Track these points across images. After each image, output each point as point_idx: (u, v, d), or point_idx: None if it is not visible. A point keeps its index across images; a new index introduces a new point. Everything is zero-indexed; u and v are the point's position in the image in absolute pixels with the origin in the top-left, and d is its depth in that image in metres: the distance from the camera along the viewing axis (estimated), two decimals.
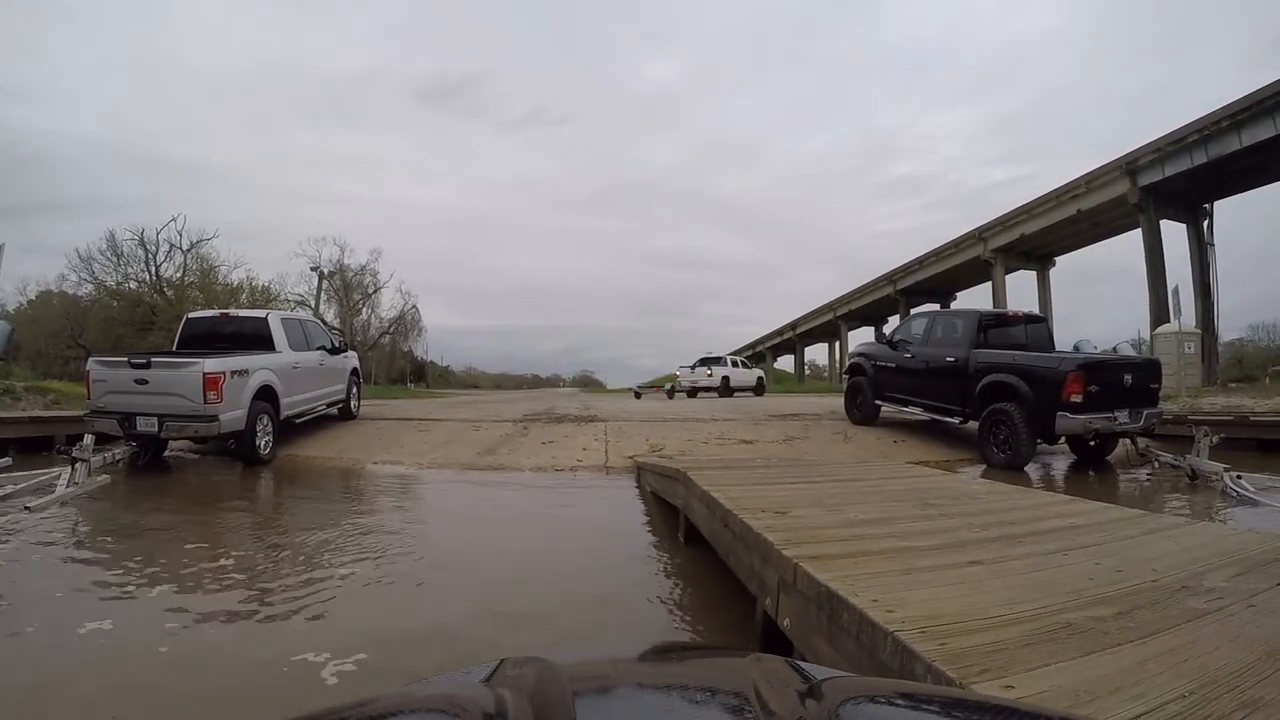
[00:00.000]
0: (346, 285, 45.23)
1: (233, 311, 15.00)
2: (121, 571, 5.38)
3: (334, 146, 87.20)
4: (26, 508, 7.26)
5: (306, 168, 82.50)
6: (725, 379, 33.70)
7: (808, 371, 63.02)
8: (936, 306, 36.57)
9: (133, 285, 37.53)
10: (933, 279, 42.40)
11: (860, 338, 46.61)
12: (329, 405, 13.78)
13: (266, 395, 11.33)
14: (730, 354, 38.00)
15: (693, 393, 31.77)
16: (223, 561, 5.75)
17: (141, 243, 37.13)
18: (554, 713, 0.98)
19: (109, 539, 6.54)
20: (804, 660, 2.85)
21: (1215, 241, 26.92)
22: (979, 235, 36.62)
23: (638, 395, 29.28)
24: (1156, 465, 10.40)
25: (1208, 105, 24.35)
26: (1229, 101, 23.15)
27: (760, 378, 37.18)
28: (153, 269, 37.76)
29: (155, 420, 10.27)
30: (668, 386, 26.22)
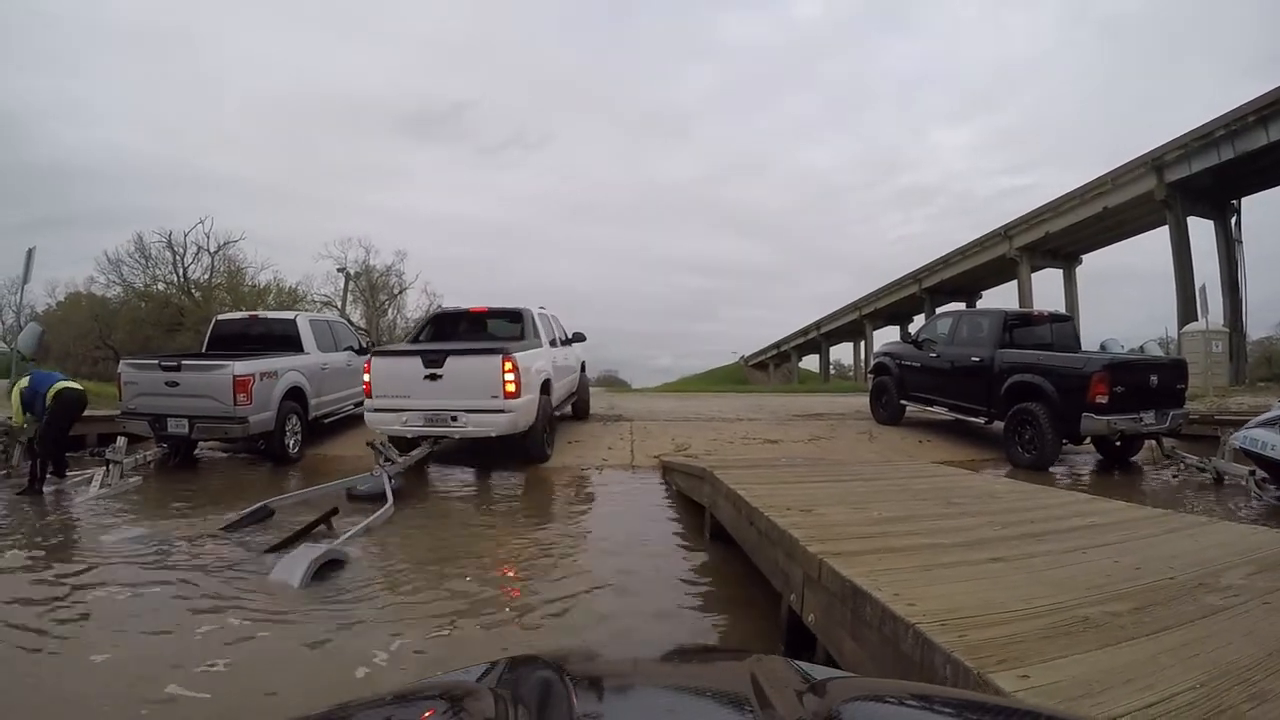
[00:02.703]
0: (372, 286, 45.34)
1: (261, 313, 15.16)
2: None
3: (366, 160, 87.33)
4: None
5: (339, 178, 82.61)
6: (545, 382, 11.01)
7: (833, 371, 62.60)
8: (962, 305, 36.24)
9: (161, 287, 37.82)
10: (958, 277, 41.98)
11: (885, 337, 46.31)
12: (356, 405, 13.87)
13: (295, 396, 11.50)
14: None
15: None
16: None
17: (169, 245, 37.40)
18: (554, 712, 1.03)
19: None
20: (828, 653, 2.94)
21: (1243, 238, 26.65)
22: (1004, 233, 36.24)
23: None
24: (1182, 467, 10.32)
25: (1198, 117, 24.16)
26: (1255, 97, 22.89)
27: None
28: (180, 271, 38.07)
29: (186, 422, 10.43)
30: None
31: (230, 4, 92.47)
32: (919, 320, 37.48)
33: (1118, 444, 11.50)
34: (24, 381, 9.43)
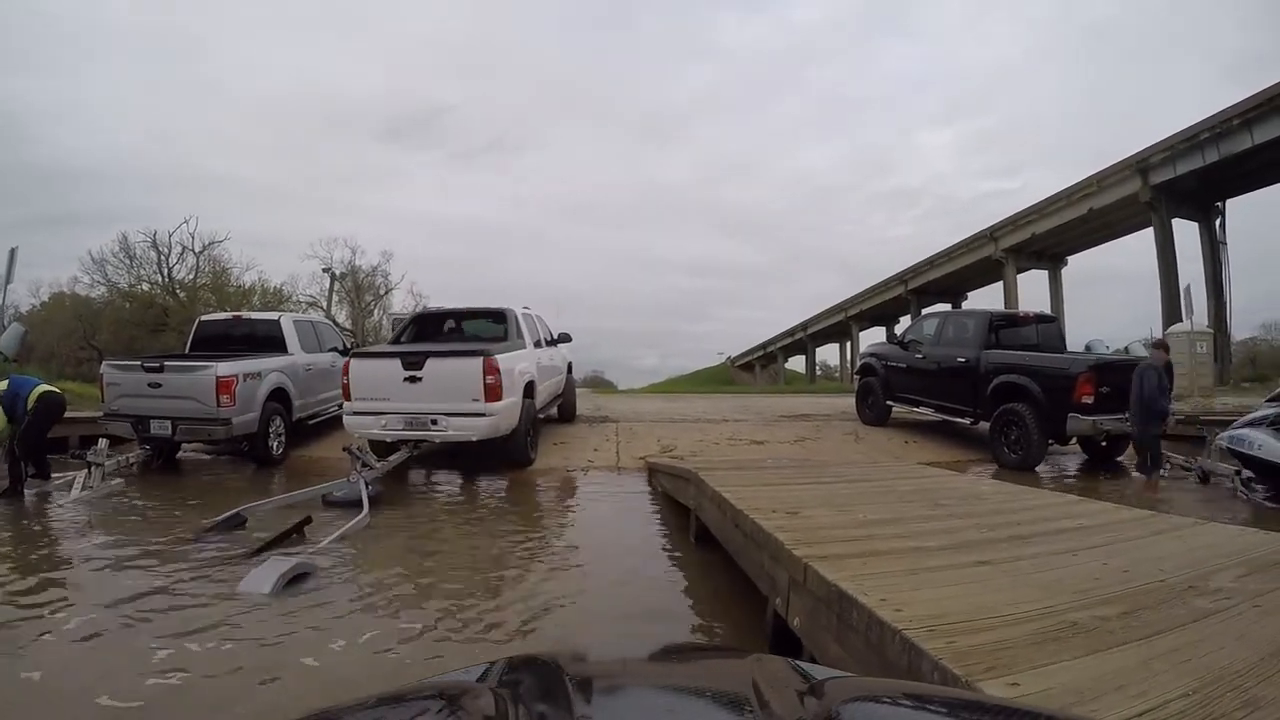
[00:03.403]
0: (358, 286, 45.13)
1: (245, 314, 15.06)
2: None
3: (359, 161, 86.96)
4: None
5: (331, 180, 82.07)
6: (528, 384, 10.74)
7: (819, 372, 62.74)
8: (948, 307, 36.35)
9: (145, 287, 37.53)
10: (944, 279, 42.10)
11: (871, 338, 46.34)
12: (340, 407, 13.76)
13: (279, 397, 11.42)
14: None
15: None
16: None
17: (154, 245, 37.06)
18: (554, 712, 1.00)
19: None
20: (814, 658, 2.90)
21: (1227, 240, 26.82)
22: (990, 235, 36.37)
23: None
24: (1168, 467, 10.36)
25: (1181, 121, 24.45)
26: (1240, 100, 23.04)
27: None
28: (165, 271, 37.80)
29: (169, 423, 10.34)
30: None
31: (228, 9, 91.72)
32: (905, 321, 37.59)
33: (1103, 444, 11.55)
34: (1, 385, 9.32)
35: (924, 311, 27.88)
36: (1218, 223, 26.96)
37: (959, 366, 11.99)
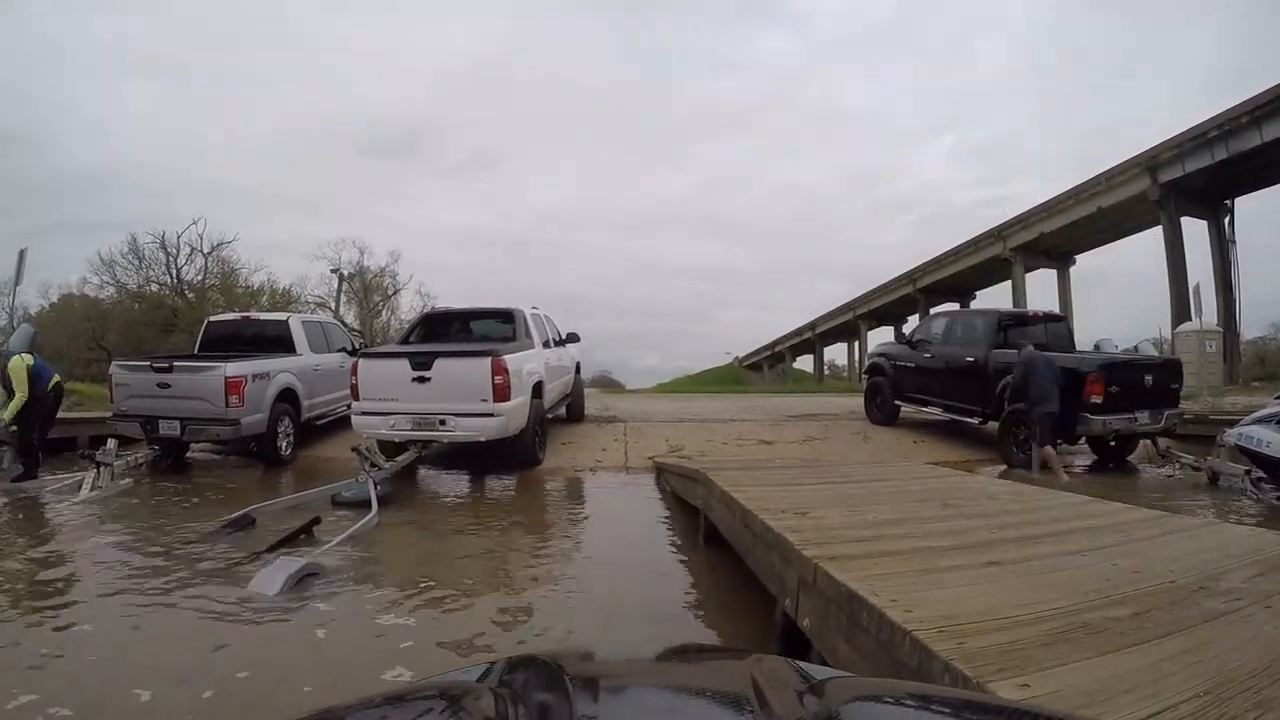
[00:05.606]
0: (366, 287, 45.27)
1: (254, 314, 15.12)
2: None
3: (369, 170, 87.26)
4: None
5: (340, 187, 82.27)
6: (537, 384, 10.73)
7: (827, 371, 62.60)
8: (956, 306, 36.22)
9: (154, 288, 37.73)
10: (952, 278, 41.92)
11: (879, 337, 46.15)
12: (349, 407, 13.75)
13: (288, 397, 11.45)
14: None
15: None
16: None
17: (163, 246, 37.28)
18: (554, 712, 1.00)
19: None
20: (823, 659, 2.90)
21: (1236, 238, 26.69)
22: (998, 234, 36.22)
23: None
24: (1177, 466, 10.32)
25: (1160, 134, 24.48)
26: (1249, 97, 22.94)
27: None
28: (174, 272, 37.96)
29: (177, 424, 10.39)
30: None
31: (243, 23, 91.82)
32: (913, 321, 37.49)
33: (1113, 444, 11.50)
34: (29, 359, 9.51)
35: (932, 311, 27.82)
36: (1226, 221, 26.83)
37: (968, 366, 11.96)
